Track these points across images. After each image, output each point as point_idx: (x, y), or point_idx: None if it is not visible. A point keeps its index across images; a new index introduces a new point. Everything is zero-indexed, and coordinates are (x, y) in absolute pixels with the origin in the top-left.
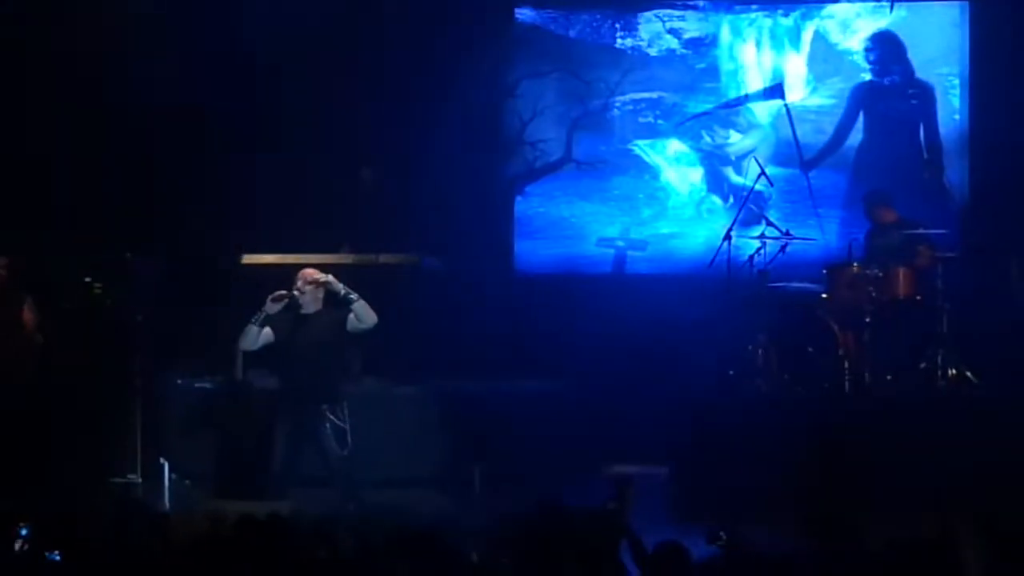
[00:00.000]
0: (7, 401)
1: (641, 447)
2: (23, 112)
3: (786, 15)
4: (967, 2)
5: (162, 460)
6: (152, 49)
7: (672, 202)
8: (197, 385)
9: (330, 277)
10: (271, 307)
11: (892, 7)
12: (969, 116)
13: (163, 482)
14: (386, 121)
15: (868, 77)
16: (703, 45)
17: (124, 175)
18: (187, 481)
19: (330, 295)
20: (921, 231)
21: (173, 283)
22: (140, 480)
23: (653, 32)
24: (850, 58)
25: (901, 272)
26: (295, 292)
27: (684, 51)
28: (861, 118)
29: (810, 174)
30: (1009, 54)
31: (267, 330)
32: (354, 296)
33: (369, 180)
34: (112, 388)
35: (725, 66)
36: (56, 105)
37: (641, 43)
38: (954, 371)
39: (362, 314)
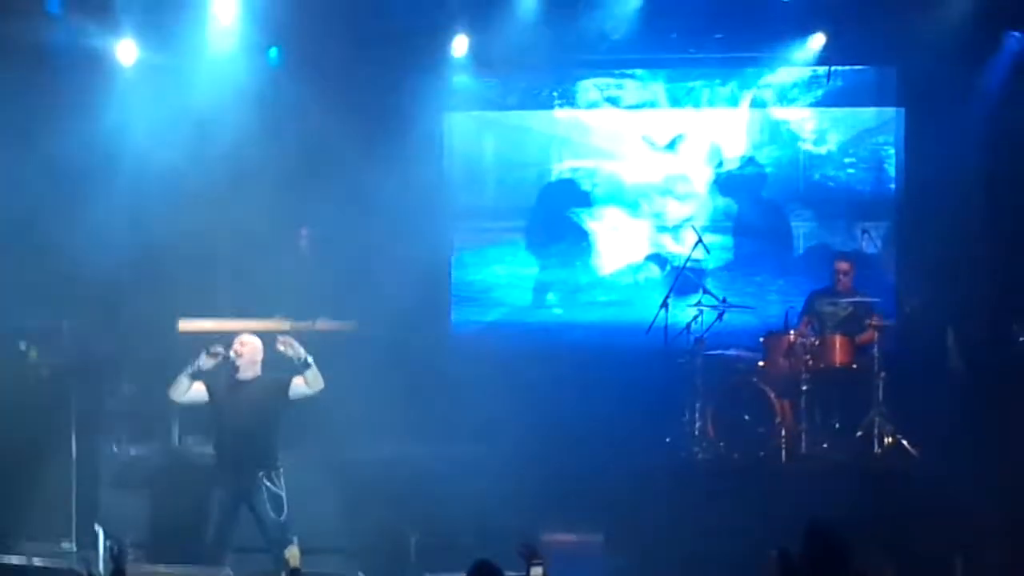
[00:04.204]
0: None
1: (577, 513)
2: None
3: (724, 84)
4: (896, 68)
5: (97, 526)
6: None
7: (609, 270)
8: (133, 451)
9: (291, 340)
10: (205, 361)
11: (829, 78)
12: (904, 184)
13: (98, 548)
14: (322, 188)
15: (804, 146)
16: (640, 113)
17: (59, 241)
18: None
19: (270, 360)
20: (861, 299)
21: (108, 349)
22: (75, 547)
23: (591, 100)
24: (786, 127)
25: (837, 340)
26: (231, 353)
27: (622, 119)
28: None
29: (747, 242)
30: (941, 122)
31: (199, 386)
32: (310, 361)
33: (306, 246)
34: (47, 454)
35: (662, 134)
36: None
37: (579, 110)
38: (890, 439)
39: (312, 380)
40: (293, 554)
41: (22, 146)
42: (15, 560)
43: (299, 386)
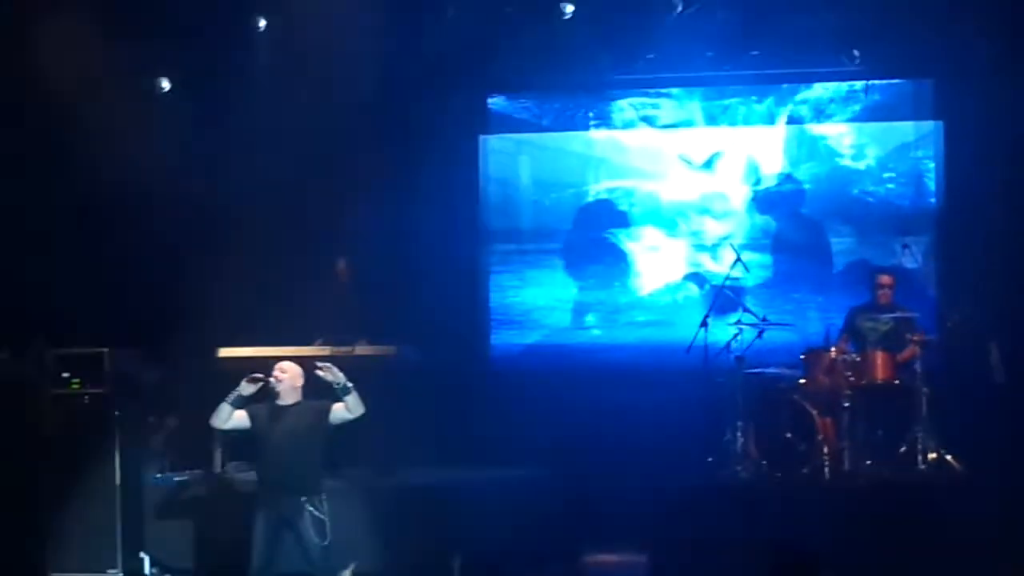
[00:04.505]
0: None
1: (620, 535)
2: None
3: (760, 101)
4: (933, 81)
5: (142, 554)
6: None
7: (648, 290)
8: (176, 479)
9: (331, 366)
10: (246, 388)
11: (867, 92)
12: (944, 198)
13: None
14: (361, 213)
15: (842, 162)
16: (677, 132)
17: (100, 269)
18: (167, 575)
19: (312, 386)
20: (902, 315)
21: (150, 378)
22: (120, 574)
23: (626, 120)
24: (824, 143)
25: (879, 356)
26: (272, 380)
27: (658, 138)
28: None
29: (785, 259)
30: (980, 135)
31: (241, 413)
32: (351, 386)
33: (344, 272)
34: (91, 483)
35: (699, 153)
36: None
37: (615, 131)
38: (934, 455)
39: (353, 405)
40: None
41: (59, 173)
42: None
43: (340, 411)
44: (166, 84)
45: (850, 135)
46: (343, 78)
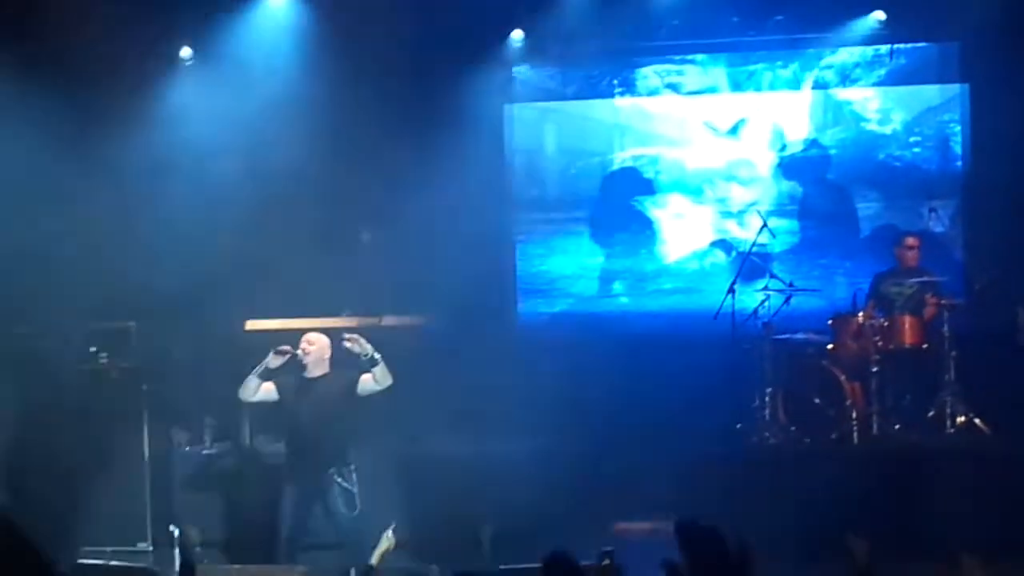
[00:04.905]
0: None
1: (649, 503)
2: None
3: (785, 66)
4: (959, 43)
5: (172, 527)
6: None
7: (674, 257)
8: (204, 451)
9: (358, 337)
10: (273, 360)
11: (892, 56)
12: (971, 161)
13: (173, 549)
14: (384, 183)
15: (868, 127)
16: (702, 98)
17: (125, 244)
18: (197, 548)
19: (338, 358)
20: (927, 279)
21: (177, 351)
22: (150, 548)
23: (651, 87)
24: (850, 107)
25: (907, 320)
26: (299, 352)
27: (683, 105)
28: (862, 168)
29: (812, 225)
30: (1006, 98)
31: (269, 385)
32: (378, 357)
33: (369, 242)
34: (120, 456)
35: (725, 119)
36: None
37: (640, 98)
38: (962, 418)
39: (381, 376)
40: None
41: (84, 151)
42: (93, 561)
43: (367, 383)
44: (188, 53)
45: (876, 99)
46: (368, 49)
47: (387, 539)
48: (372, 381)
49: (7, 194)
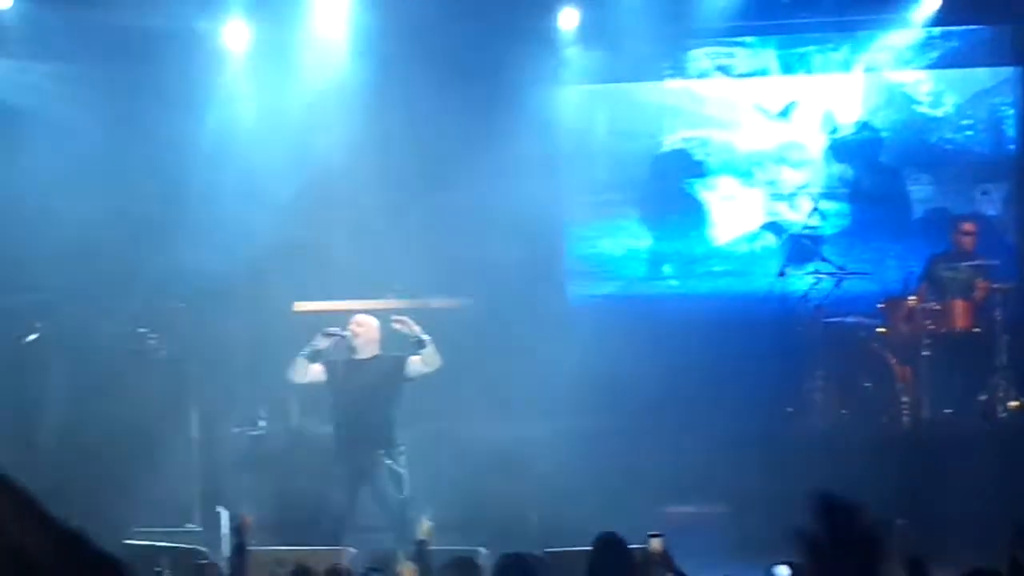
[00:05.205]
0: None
1: (699, 485)
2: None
3: (836, 48)
4: (1011, 26)
5: (220, 508)
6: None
7: (724, 240)
8: (253, 433)
9: (407, 319)
10: (321, 341)
11: (945, 38)
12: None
13: (221, 530)
14: (433, 166)
15: (920, 109)
16: (752, 81)
17: (176, 227)
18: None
19: (386, 340)
20: (980, 262)
21: (226, 332)
22: (199, 528)
23: (702, 69)
24: (901, 90)
25: (959, 304)
26: (348, 334)
27: (734, 87)
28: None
29: (863, 207)
30: None
31: (317, 367)
32: (427, 338)
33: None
34: (169, 437)
35: (775, 101)
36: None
37: (690, 80)
38: (1014, 403)
39: (430, 358)
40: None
41: (137, 133)
42: (142, 542)
43: (416, 364)
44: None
45: (927, 82)
46: (417, 31)
47: (424, 524)
48: (421, 363)
49: (60, 177)
